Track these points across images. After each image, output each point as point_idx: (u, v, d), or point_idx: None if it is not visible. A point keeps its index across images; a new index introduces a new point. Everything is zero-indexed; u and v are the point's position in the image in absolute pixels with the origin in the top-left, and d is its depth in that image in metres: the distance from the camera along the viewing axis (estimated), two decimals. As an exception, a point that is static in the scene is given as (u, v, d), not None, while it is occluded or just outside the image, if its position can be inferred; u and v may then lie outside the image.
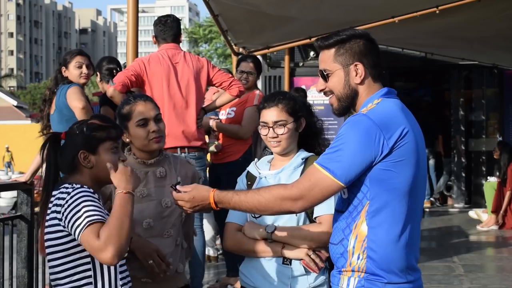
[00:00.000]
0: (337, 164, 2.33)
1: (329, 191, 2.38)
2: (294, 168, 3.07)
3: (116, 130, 2.76)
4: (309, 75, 11.71)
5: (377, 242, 2.36)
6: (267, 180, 3.08)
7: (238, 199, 2.50)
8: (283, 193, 2.42)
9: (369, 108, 2.40)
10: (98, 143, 2.69)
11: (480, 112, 12.57)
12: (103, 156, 2.69)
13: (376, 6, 7.80)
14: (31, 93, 68.04)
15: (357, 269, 2.39)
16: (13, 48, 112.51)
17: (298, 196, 2.39)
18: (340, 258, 2.44)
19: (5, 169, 29.09)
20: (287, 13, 8.20)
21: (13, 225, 4.44)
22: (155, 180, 3.16)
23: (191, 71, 5.22)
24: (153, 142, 3.13)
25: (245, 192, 2.53)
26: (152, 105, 3.19)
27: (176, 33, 5.37)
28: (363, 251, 2.37)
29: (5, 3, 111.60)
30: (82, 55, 5.32)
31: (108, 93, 4.95)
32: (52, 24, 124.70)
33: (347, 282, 2.41)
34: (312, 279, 2.98)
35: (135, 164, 3.13)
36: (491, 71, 12.38)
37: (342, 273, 2.44)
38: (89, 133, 2.69)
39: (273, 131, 3.06)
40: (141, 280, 3.09)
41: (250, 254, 3.06)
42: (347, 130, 2.36)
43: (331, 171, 2.34)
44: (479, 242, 9.27)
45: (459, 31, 8.95)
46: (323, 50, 2.53)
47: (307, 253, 2.95)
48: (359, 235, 2.38)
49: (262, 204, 2.45)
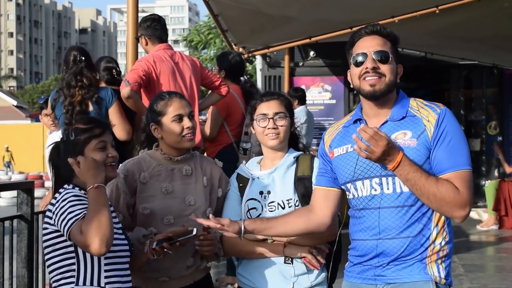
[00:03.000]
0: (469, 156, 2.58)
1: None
2: (287, 167, 3.08)
3: (100, 128, 2.82)
4: (309, 75, 11.72)
5: (450, 225, 2.60)
6: (260, 180, 3.08)
7: (420, 174, 2.49)
8: (457, 197, 2.49)
9: (428, 103, 2.64)
10: (83, 145, 2.79)
11: (480, 112, 12.58)
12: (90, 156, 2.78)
13: (376, 6, 7.80)
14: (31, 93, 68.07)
15: (441, 254, 2.56)
16: (13, 48, 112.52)
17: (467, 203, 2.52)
18: (418, 249, 2.54)
19: (5, 169, 29.10)
20: (287, 13, 8.20)
21: (13, 225, 4.44)
22: (181, 177, 3.16)
23: (190, 70, 5.24)
24: (186, 139, 3.14)
25: (427, 174, 2.50)
26: (186, 102, 3.22)
27: (167, 33, 5.38)
28: (445, 235, 2.57)
29: (5, 3, 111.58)
30: None
31: (124, 93, 4.79)
32: (52, 24, 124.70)
33: (437, 268, 2.56)
34: (313, 277, 2.99)
35: (162, 160, 3.15)
36: (491, 70, 12.37)
37: (426, 261, 2.55)
38: (74, 138, 2.80)
39: (273, 123, 3.07)
40: (159, 279, 3.10)
41: (250, 256, 3.05)
42: (456, 122, 2.59)
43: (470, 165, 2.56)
44: (479, 242, 9.27)
45: (459, 31, 8.95)
46: (380, 37, 2.64)
47: (309, 251, 2.96)
48: (440, 222, 2.56)
49: (437, 197, 2.48)
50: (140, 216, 3.09)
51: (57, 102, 5.12)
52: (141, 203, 3.09)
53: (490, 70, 12.37)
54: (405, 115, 2.60)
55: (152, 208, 3.07)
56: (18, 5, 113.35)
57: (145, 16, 5.43)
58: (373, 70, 2.57)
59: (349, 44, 2.69)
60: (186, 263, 3.13)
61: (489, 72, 12.42)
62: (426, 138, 2.53)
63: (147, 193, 3.10)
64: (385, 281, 2.57)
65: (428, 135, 2.53)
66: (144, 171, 3.12)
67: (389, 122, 2.61)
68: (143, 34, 5.29)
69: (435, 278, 2.53)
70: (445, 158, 2.51)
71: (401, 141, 2.54)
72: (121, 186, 3.09)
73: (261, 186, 3.07)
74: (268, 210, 3.02)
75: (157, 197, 3.10)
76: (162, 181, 3.12)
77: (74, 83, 5.01)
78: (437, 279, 2.53)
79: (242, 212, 3.08)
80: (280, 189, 3.05)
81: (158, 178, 3.13)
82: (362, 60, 2.59)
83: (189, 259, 3.13)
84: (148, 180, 3.12)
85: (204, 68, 5.47)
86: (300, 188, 3.03)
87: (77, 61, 5.08)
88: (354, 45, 2.66)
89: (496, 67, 12.21)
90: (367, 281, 2.61)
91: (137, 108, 4.87)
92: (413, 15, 7.97)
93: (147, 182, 3.12)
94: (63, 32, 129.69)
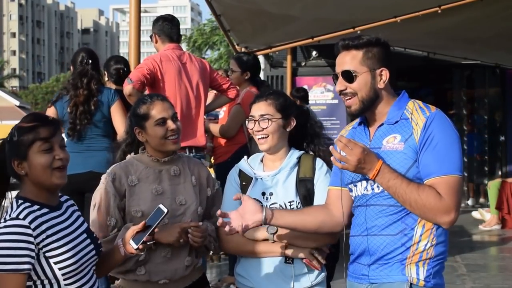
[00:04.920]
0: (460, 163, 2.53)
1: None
2: (291, 168, 3.07)
3: (48, 128, 2.51)
4: (311, 74, 11.72)
5: (442, 229, 2.54)
6: (263, 181, 3.07)
7: (400, 181, 2.48)
8: (438, 204, 2.47)
9: (422, 106, 2.59)
10: (26, 147, 2.48)
11: (482, 112, 12.57)
12: (33, 159, 2.48)
13: (378, 6, 7.80)
14: (33, 93, 68.10)
15: (425, 255, 2.53)
16: (16, 48, 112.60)
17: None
18: (398, 248, 2.53)
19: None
20: (289, 13, 8.20)
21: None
22: (169, 178, 3.16)
23: (198, 71, 5.24)
24: (171, 142, 3.13)
25: (408, 181, 2.49)
26: (169, 104, 3.21)
27: (179, 33, 5.38)
28: (432, 238, 2.53)
29: (8, 4, 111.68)
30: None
31: (126, 91, 4.87)
32: (55, 24, 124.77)
33: (416, 269, 2.53)
34: (313, 276, 2.99)
35: (149, 162, 3.15)
36: (494, 70, 12.38)
37: (406, 261, 2.53)
38: (17, 139, 2.49)
39: (258, 125, 3.06)
40: (159, 283, 3.09)
41: (250, 255, 3.04)
42: (446, 127, 2.54)
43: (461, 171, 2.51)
44: (482, 242, 9.26)
45: (461, 31, 8.94)
46: (350, 50, 2.61)
47: (310, 251, 2.96)
48: (427, 224, 2.52)
49: (418, 204, 2.47)
50: (132, 219, 3.06)
51: (59, 99, 5.17)
52: (132, 206, 3.08)
53: (493, 70, 12.37)
54: (398, 118, 2.59)
55: (144, 211, 3.05)
56: (20, 6, 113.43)
57: (160, 15, 5.48)
58: (341, 92, 2.61)
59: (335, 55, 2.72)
60: (184, 262, 3.12)
61: (491, 72, 12.42)
62: (413, 142, 2.52)
63: (137, 195, 3.09)
64: (369, 280, 2.60)
65: (415, 138, 2.52)
66: (132, 175, 3.11)
67: (385, 125, 2.62)
68: (154, 32, 5.36)
69: (411, 280, 2.52)
70: (431, 162, 2.49)
71: (391, 145, 2.55)
72: (110, 189, 3.07)
73: (264, 187, 3.07)
74: (270, 211, 3.01)
75: (148, 199, 3.08)
76: (151, 183, 3.12)
77: (80, 84, 5.07)
78: (414, 280, 2.52)
79: None
80: (282, 191, 3.04)
81: (146, 181, 3.12)
82: (336, 80, 2.64)
83: (187, 259, 3.13)
84: (137, 183, 3.10)
85: (214, 70, 5.47)
86: (302, 190, 3.02)
87: (84, 63, 5.15)
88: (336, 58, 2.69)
89: (498, 66, 12.21)
90: (358, 280, 2.65)
91: None
92: (415, 15, 7.97)
93: (136, 185, 3.10)
94: (66, 32, 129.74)
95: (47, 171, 2.49)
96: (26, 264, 2.38)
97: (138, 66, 5.09)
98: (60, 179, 2.53)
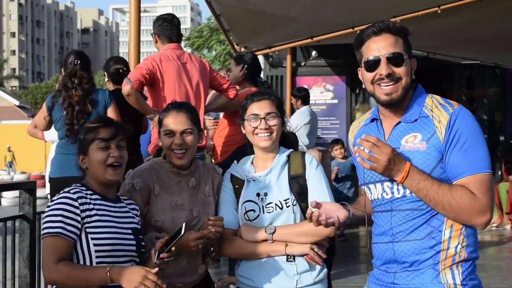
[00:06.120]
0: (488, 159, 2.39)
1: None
2: (281, 166, 3.08)
3: (108, 129, 2.89)
4: (311, 74, 11.73)
5: (472, 229, 2.41)
6: (256, 183, 3.07)
7: (431, 182, 2.34)
8: (474, 204, 2.34)
9: (443, 102, 2.45)
10: (88, 144, 2.89)
11: (482, 112, 12.58)
12: (91, 155, 2.87)
13: (378, 6, 7.80)
14: (33, 93, 68.08)
15: (458, 258, 2.39)
16: (15, 48, 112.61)
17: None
18: (427, 253, 2.40)
19: (7, 169, 29.11)
20: (289, 13, 8.21)
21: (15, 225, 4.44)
22: (188, 189, 3.19)
23: (198, 71, 5.24)
24: (176, 156, 3.13)
25: (438, 182, 2.36)
26: (184, 118, 3.17)
27: (179, 33, 5.37)
28: (462, 239, 2.39)
29: (7, 3, 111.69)
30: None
31: (124, 91, 4.85)
32: (54, 24, 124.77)
33: (451, 274, 2.39)
34: (315, 273, 3.00)
35: (168, 172, 3.17)
36: (493, 70, 12.38)
37: (439, 267, 2.39)
38: (82, 137, 2.93)
39: (265, 123, 3.06)
40: (176, 285, 3.14)
41: (251, 257, 3.04)
42: (471, 123, 2.39)
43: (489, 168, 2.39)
44: (481, 242, 9.22)
45: (460, 31, 8.95)
46: (391, 34, 2.45)
47: (311, 247, 2.96)
48: (455, 225, 2.39)
49: (452, 206, 2.34)
50: (152, 228, 3.11)
51: (55, 103, 5.16)
52: (153, 216, 3.12)
53: (492, 70, 12.38)
54: (418, 116, 2.44)
55: (164, 221, 3.11)
56: (20, 5, 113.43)
57: (160, 15, 5.47)
58: (388, 76, 2.41)
59: (357, 42, 2.50)
60: (199, 270, 3.24)
61: (491, 71, 12.42)
62: (437, 141, 2.37)
63: (159, 205, 3.13)
64: None
65: (439, 137, 2.37)
66: (156, 183, 3.14)
67: (402, 123, 2.47)
68: (154, 32, 5.36)
69: (448, 286, 2.38)
70: (460, 161, 2.34)
71: (411, 145, 2.40)
72: (136, 198, 3.09)
73: (258, 188, 3.07)
74: (266, 211, 3.02)
75: (167, 210, 3.13)
76: (171, 194, 3.15)
77: (70, 85, 5.09)
78: (451, 286, 2.38)
79: (239, 215, 3.07)
80: (276, 190, 3.04)
81: (167, 191, 3.15)
82: (375, 65, 2.42)
83: (201, 267, 3.24)
84: (159, 193, 3.14)
85: (214, 70, 5.46)
86: (295, 187, 3.03)
87: (73, 64, 5.17)
88: (363, 44, 2.48)
89: (498, 66, 12.22)
90: (384, 287, 2.52)
91: (138, 105, 4.90)
92: (415, 15, 7.98)
93: (158, 194, 3.14)
94: (65, 32, 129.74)
95: (101, 167, 2.84)
96: (71, 231, 2.71)
97: (137, 66, 5.08)
98: (113, 176, 2.86)
